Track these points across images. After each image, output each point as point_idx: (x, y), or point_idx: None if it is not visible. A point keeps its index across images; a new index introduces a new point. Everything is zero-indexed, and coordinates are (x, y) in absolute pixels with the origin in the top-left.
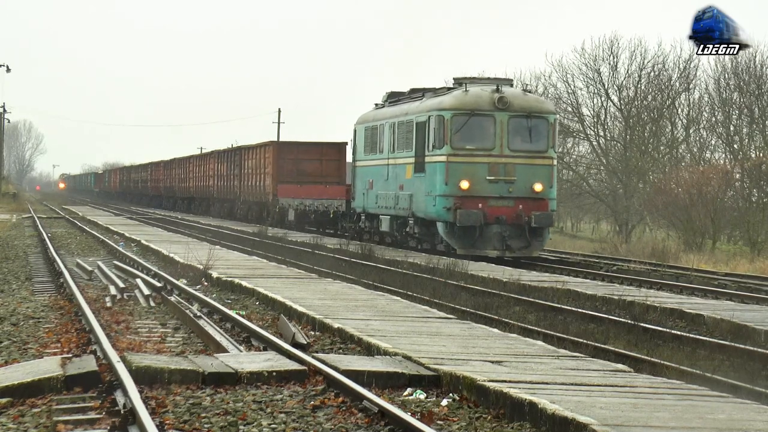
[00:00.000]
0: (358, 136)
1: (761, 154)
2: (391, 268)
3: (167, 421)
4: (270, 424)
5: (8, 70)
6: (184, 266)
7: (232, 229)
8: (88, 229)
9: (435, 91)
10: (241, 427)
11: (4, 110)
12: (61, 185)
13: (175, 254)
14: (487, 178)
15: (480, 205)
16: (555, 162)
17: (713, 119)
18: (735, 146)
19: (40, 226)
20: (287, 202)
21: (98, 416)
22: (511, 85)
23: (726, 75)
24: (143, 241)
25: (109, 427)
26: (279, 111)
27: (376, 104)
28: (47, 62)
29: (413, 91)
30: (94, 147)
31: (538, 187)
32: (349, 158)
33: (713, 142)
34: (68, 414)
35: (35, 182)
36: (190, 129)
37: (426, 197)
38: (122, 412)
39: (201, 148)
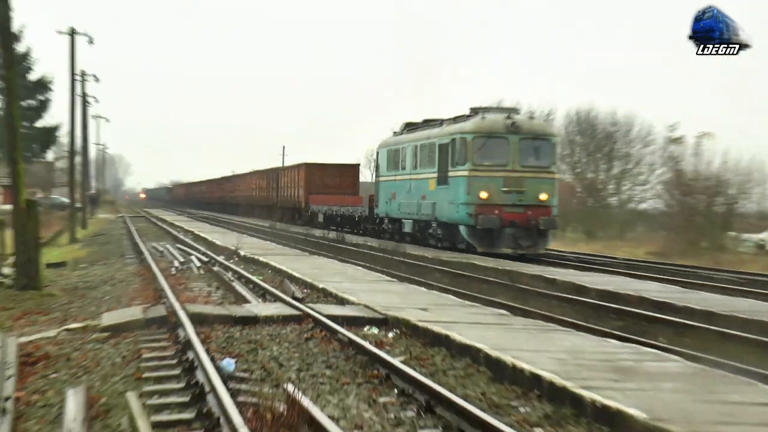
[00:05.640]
0: (381, 156)
1: (594, 176)
2: (356, 249)
3: (211, 347)
4: (278, 349)
5: (107, 120)
6: (222, 248)
7: (252, 224)
8: (159, 224)
9: (454, 119)
10: (260, 350)
11: (105, 148)
12: (142, 195)
13: (216, 240)
14: (502, 189)
15: (497, 211)
16: (556, 176)
17: (563, 153)
18: (577, 170)
19: (128, 222)
20: (317, 208)
21: (167, 344)
22: (518, 113)
23: (572, 124)
24: (195, 232)
25: (174, 351)
26: (283, 148)
27: (395, 132)
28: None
29: (426, 121)
30: (164, 167)
31: (543, 196)
32: (362, 177)
33: (563, 168)
34: (148, 343)
35: (125, 194)
36: (215, 152)
37: (449, 205)
38: (182, 341)
39: (233, 171)
